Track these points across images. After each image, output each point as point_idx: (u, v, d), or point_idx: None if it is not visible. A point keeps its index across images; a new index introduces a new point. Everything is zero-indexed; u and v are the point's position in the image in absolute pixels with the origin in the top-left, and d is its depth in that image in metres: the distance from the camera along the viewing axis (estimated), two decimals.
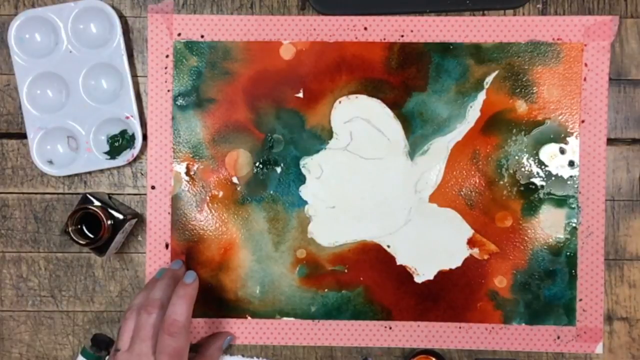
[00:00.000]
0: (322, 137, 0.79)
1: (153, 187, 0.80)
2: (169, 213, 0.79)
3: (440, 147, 0.79)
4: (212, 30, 0.79)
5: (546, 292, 0.79)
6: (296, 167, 0.79)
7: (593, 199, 0.79)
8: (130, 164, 0.80)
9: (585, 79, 0.78)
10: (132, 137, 0.79)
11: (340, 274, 0.79)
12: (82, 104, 0.78)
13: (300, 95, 0.79)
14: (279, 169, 0.79)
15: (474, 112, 0.79)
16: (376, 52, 0.79)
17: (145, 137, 0.79)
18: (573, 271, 0.79)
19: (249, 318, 0.80)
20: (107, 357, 0.78)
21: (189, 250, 0.80)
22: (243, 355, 0.79)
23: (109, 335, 0.80)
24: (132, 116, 0.78)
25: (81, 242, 0.73)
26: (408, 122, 0.79)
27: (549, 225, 0.79)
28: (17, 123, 0.81)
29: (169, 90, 0.79)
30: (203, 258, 0.80)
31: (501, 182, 0.79)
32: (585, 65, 0.78)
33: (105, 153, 0.79)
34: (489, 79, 0.79)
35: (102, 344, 0.79)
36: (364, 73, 0.79)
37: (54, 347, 0.81)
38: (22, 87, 0.78)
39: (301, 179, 0.79)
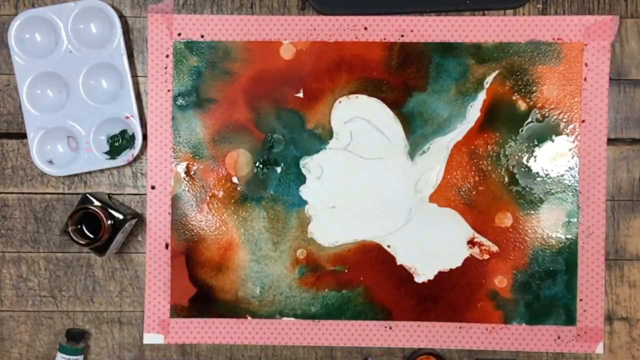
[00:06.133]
0: (322, 137, 0.79)
1: (153, 187, 0.80)
2: (169, 213, 0.79)
3: (441, 147, 0.79)
4: (212, 30, 0.79)
5: (546, 292, 0.79)
6: (296, 167, 0.79)
7: (593, 199, 0.79)
8: (130, 164, 0.80)
9: (585, 79, 0.78)
10: (132, 137, 0.79)
11: (340, 274, 0.79)
12: (82, 104, 0.78)
13: (300, 95, 0.79)
14: (279, 169, 0.79)
15: (474, 112, 0.79)
16: (376, 52, 0.79)
17: (145, 137, 0.79)
18: (573, 271, 0.79)
19: (249, 318, 0.80)
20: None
21: (188, 250, 0.79)
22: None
23: (82, 329, 0.80)
24: (132, 116, 0.78)
25: (81, 242, 0.73)
26: (408, 122, 0.79)
27: (549, 225, 0.79)
28: (17, 123, 0.81)
29: (169, 90, 0.79)
30: (203, 258, 0.80)
31: (501, 182, 0.79)
32: (586, 65, 0.78)
33: (105, 153, 0.79)
34: (489, 79, 0.79)
35: (77, 336, 0.79)
36: (364, 73, 0.79)
37: (54, 347, 0.81)
38: (22, 87, 0.78)
39: (301, 179, 0.79)
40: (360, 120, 0.79)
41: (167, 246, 0.80)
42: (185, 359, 0.80)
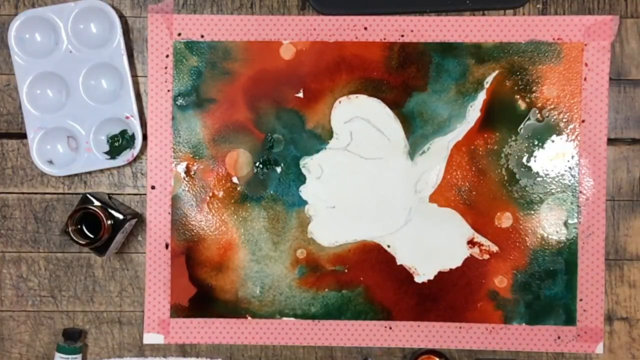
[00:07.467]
0: (322, 137, 0.79)
1: (153, 187, 0.80)
2: (169, 213, 0.79)
3: (441, 147, 0.79)
4: (212, 30, 0.79)
5: (546, 292, 0.79)
6: (296, 167, 0.79)
7: (593, 199, 0.79)
8: (130, 164, 0.80)
9: (585, 79, 0.78)
10: (132, 137, 0.79)
11: (340, 274, 0.79)
12: (82, 104, 0.78)
13: (300, 95, 0.79)
14: (279, 169, 0.79)
15: (474, 112, 0.79)
16: (376, 52, 0.79)
17: (145, 137, 0.79)
18: (573, 271, 0.79)
19: (249, 318, 0.80)
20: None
21: (188, 250, 0.79)
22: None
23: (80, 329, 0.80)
24: (132, 116, 0.78)
25: (81, 242, 0.73)
26: (408, 122, 0.79)
27: (549, 225, 0.79)
28: (17, 123, 0.81)
29: (169, 90, 0.79)
30: (203, 258, 0.80)
31: (501, 182, 0.79)
32: (586, 65, 0.78)
33: (105, 153, 0.79)
34: (489, 79, 0.79)
35: (74, 335, 0.79)
36: (364, 73, 0.79)
37: (54, 347, 0.81)
38: (22, 87, 0.78)
39: (301, 179, 0.79)
40: (360, 120, 0.79)
41: (167, 246, 0.80)
42: (185, 359, 0.80)
